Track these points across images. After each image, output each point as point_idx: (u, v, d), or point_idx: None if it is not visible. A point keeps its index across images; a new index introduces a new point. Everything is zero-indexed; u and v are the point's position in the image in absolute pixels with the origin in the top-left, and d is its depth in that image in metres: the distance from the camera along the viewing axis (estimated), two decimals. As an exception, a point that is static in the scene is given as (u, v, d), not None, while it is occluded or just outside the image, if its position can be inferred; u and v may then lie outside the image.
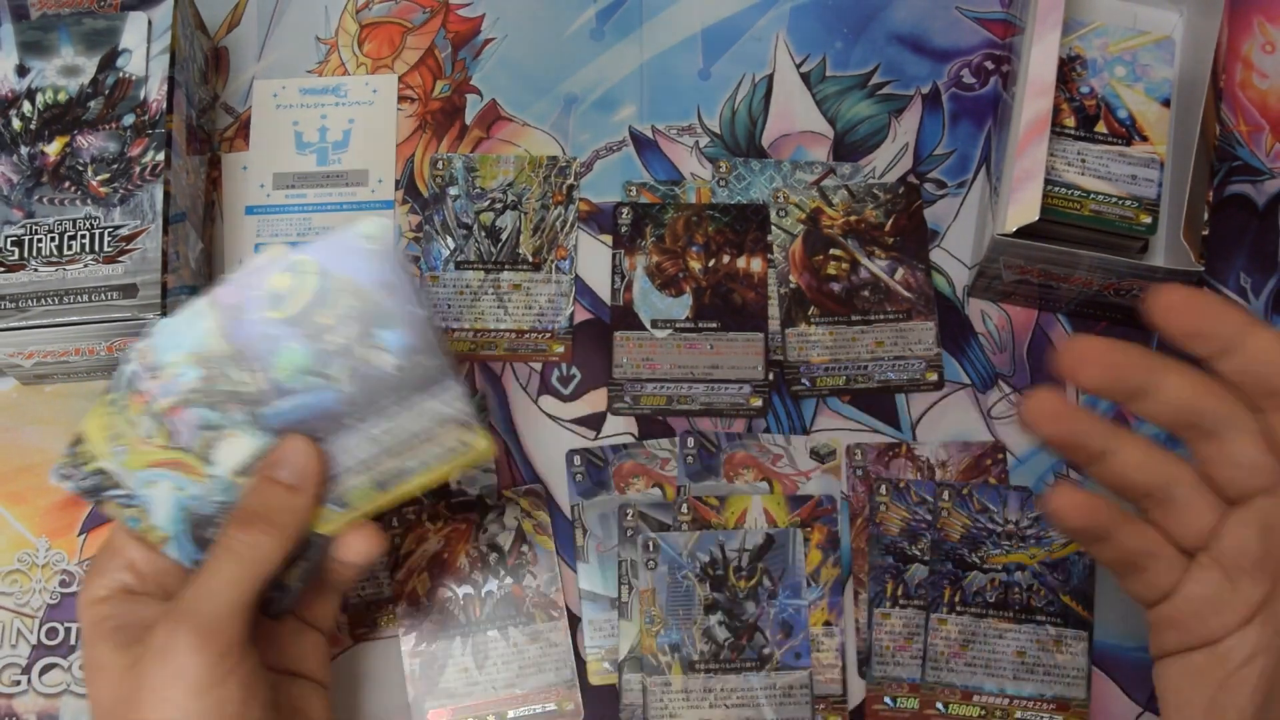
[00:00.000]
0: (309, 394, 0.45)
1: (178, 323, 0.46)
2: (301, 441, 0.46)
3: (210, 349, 0.45)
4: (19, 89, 0.57)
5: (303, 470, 0.45)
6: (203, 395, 0.45)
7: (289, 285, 0.45)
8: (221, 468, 0.46)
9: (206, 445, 0.46)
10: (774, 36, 0.66)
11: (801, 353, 0.60)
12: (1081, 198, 0.58)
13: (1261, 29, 0.66)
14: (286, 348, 0.45)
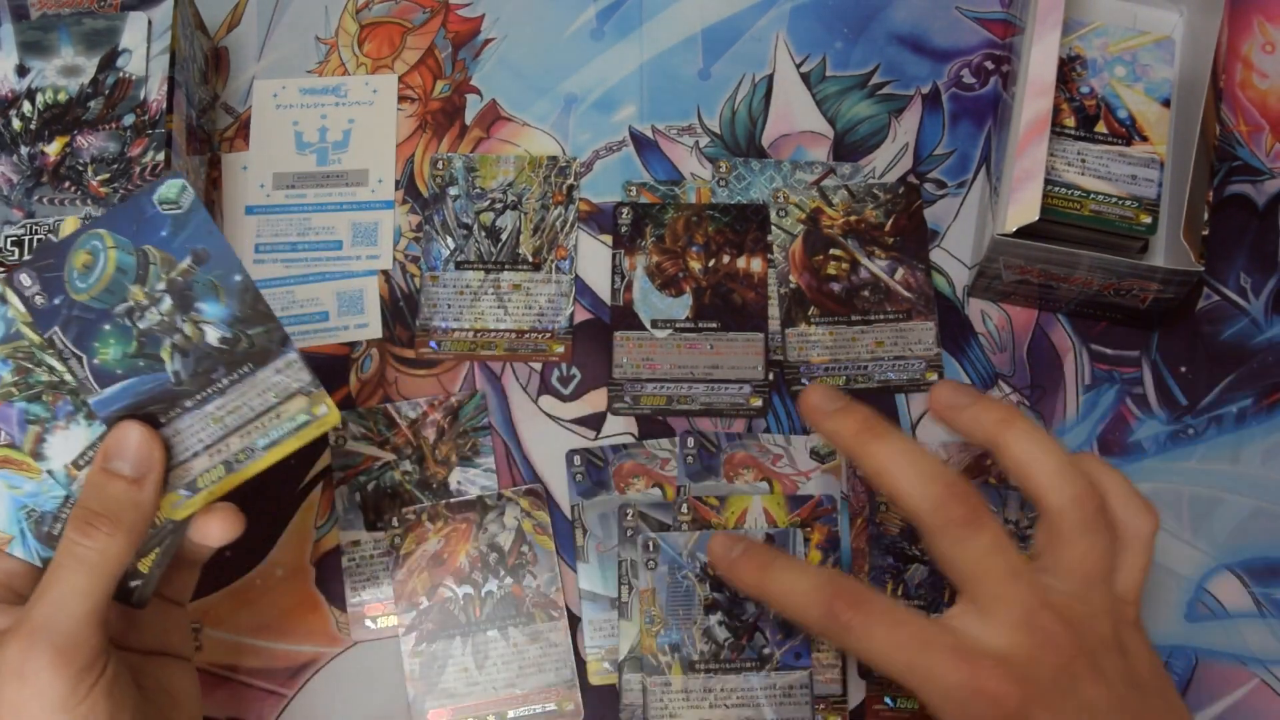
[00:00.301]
0: (135, 377, 0.43)
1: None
2: (136, 428, 0.43)
3: (23, 339, 0.42)
4: (19, 89, 0.57)
5: (142, 459, 0.43)
6: (22, 388, 0.43)
7: (92, 262, 0.42)
8: (56, 462, 0.44)
9: (36, 439, 0.43)
10: (774, 36, 0.66)
11: (801, 353, 0.60)
12: (1081, 198, 0.58)
13: (1261, 29, 0.66)
14: (103, 331, 0.42)
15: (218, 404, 0.44)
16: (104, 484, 0.43)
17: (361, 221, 0.63)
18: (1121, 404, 0.60)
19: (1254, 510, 0.58)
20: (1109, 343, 0.61)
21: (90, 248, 0.42)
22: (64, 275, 0.42)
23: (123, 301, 0.42)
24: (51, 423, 0.44)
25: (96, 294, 0.42)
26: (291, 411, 0.44)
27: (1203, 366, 0.61)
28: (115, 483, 0.43)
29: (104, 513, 0.42)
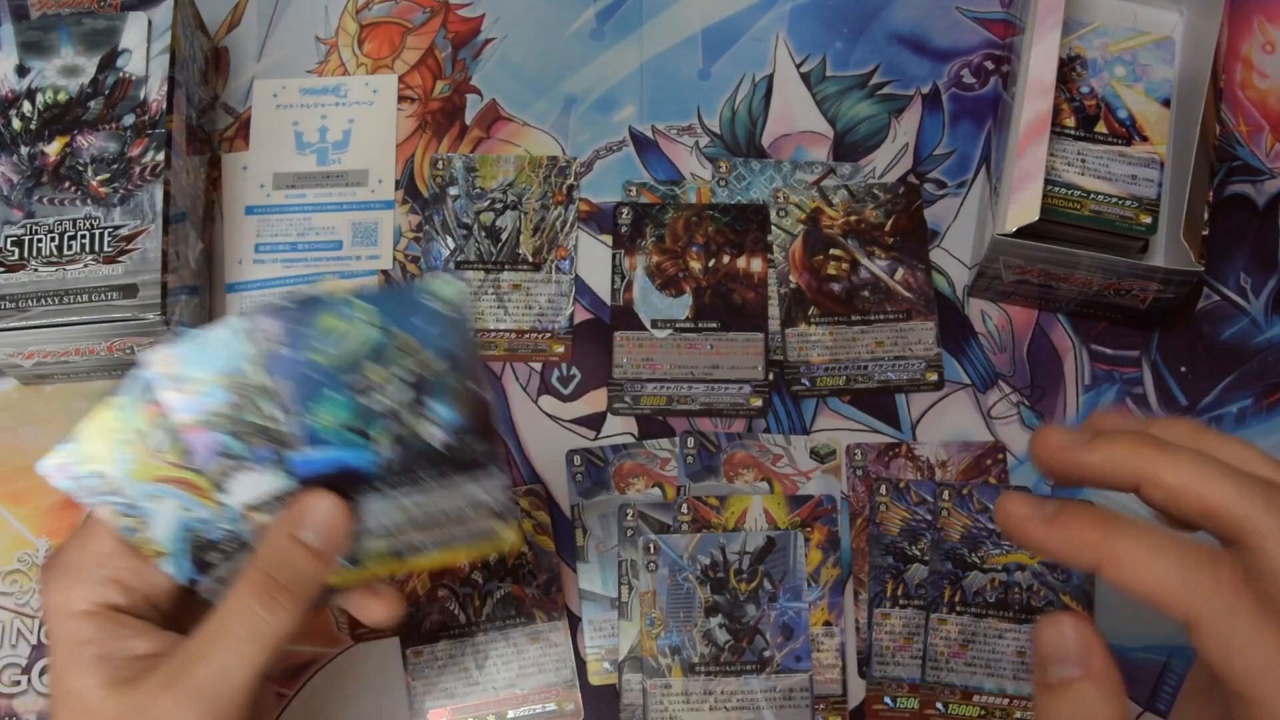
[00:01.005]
0: (343, 450, 0.42)
1: (211, 338, 0.42)
2: (331, 502, 0.42)
3: (245, 375, 0.42)
4: (19, 89, 0.57)
5: (331, 535, 0.42)
6: (228, 421, 0.42)
7: (342, 329, 0.41)
8: (235, 499, 0.43)
9: (222, 472, 0.43)
10: (774, 36, 0.66)
11: (801, 353, 0.60)
12: (1081, 198, 0.58)
13: (1261, 29, 0.66)
14: (328, 396, 0.42)
15: (413, 498, 0.43)
16: (291, 553, 0.41)
17: (361, 221, 0.63)
18: (1121, 404, 0.60)
19: (1254, 510, 0.58)
20: (1109, 343, 0.61)
21: (342, 314, 0.41)
22: (309, 332, 0.41)
23: (358, 376, 0.42)
24: (244, 463, 0.43)
25: (334, 361, 0.41)
26: (477, 524, 0.44)
27: (1203, 366, 0.61)
28: (302, 555, 0.41)
29: (288, 586, 0.41)
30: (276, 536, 0.42)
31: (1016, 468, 0.59)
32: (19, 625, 0.57)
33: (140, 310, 0.54)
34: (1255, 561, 0.36)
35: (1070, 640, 0.37)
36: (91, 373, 0.59)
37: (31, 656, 0.56)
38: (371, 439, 0.42)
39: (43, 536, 0.58)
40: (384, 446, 0.42)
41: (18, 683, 0.56)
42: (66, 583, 0.42)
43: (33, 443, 0.59)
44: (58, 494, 0.58)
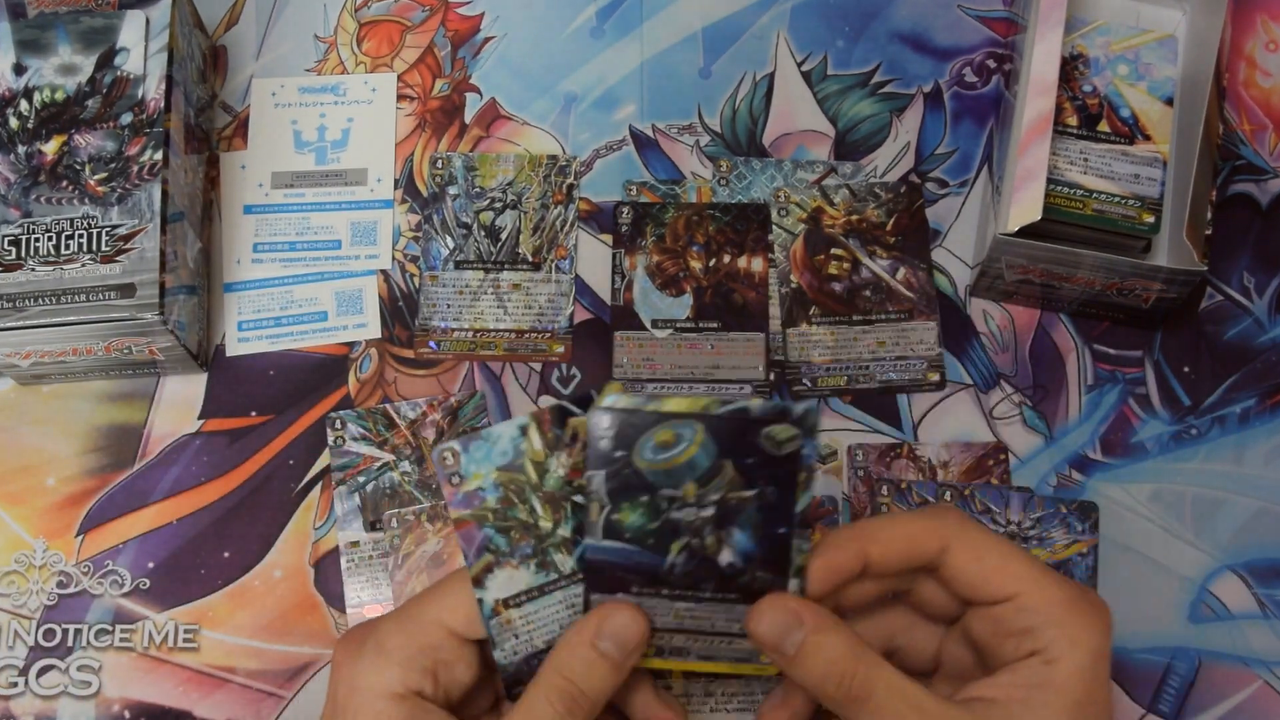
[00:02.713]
0: (636, 549, 0.43)
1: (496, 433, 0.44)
2: (630, 613, 0.44)
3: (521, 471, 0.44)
4: (16, 88, 0.56)
5: (628, 646, 0.43)
6: (496, 516, 0.44)
7: (669, 443, 0.43)
8: (489, 594, 0.45)
9: (484, 569, 0.44)
10: (775, 35, 0.66)
11: (803, 353, 0.60)
12: (1084, 197, 0.58)
13: (1265, 27, 0.66)
14: (636, 499, 0.43)
15: (687, 606, 0.44)
16: (593, 664, 0.43)
17: (360, 221, 0.63)
18: (1124, 404, 0.60)
19: (1257, 511, 0.58)
20: (1111, 343, 0.61)
21: (679, 433, 0.43)
22: (639, 440, 0.43)
23: (672, 489, 0.43)
24: (505, 559, 0.44)
25: (655, 470, 0.43)
26: (743, 647, 0.45)
27: (1206, 366, 0.60)
28: (602, 666, 0.43)
29: (588, 694, 0.43)
30: (578, 645, 0.43)
31: (1018, 468, 0.59)
32: (16, 627, 0.56)
33: (138, 310, 0.54)
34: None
35: (784, 617, 0.42)
36: (89, 373, 0.59)
37: (29, 658, 0.56)
38: (665, 547, 0.43)
39: (40, 537, 0.58)
40: (675, 555, 0.43)
41: (15, 684, 0.56)
42: (384, 664, 0.43)
43: (30, 443, 0.59)
44: (55, 494, 0.58)
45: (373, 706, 0.42)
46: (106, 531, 0.58)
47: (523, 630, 0.45)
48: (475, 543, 0.44)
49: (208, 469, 0.59)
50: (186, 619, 0.57)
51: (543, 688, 0.43)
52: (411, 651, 0.43)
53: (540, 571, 0.45)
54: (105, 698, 0.56)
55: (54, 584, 0.57)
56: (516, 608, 0.45)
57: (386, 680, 0.43)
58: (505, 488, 0.44)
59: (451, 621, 0.44)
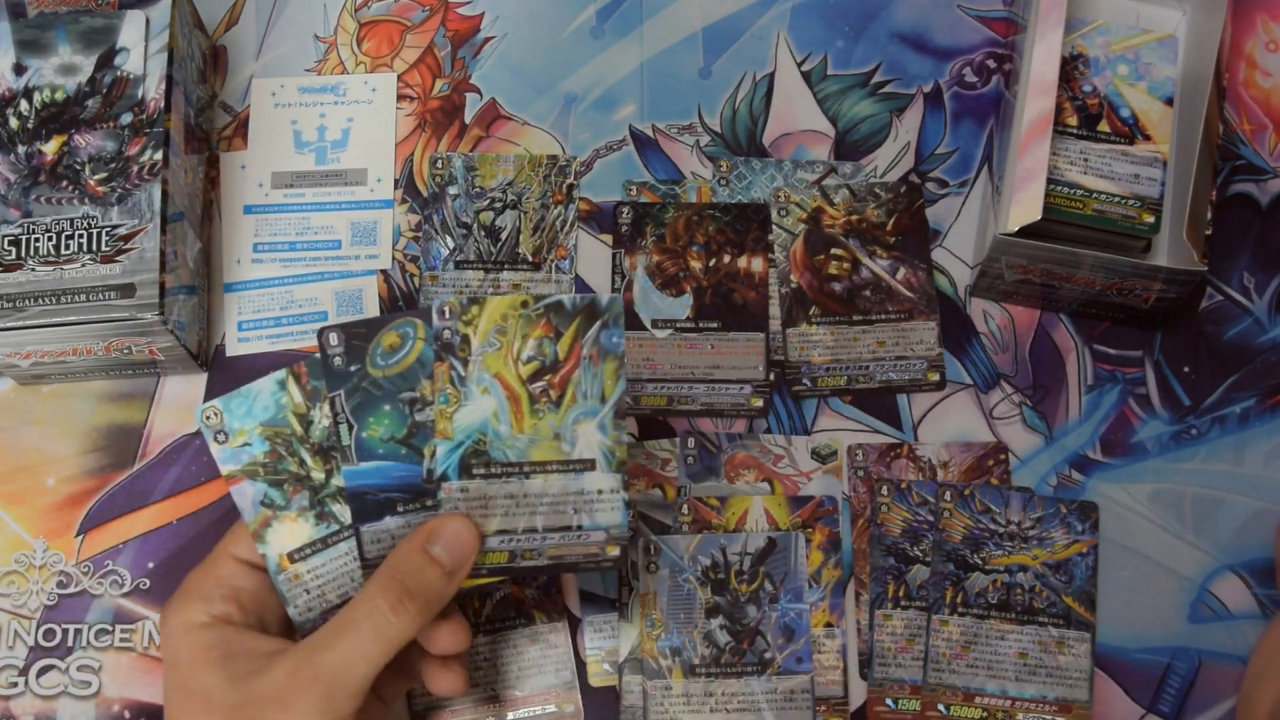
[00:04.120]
0: (391, 462, 0.45)
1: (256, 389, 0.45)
2: (463, 522, 0.45)
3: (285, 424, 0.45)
4: (16, 88, 0.56)
5: (462, 555, 0.45)
6: (266, 470, 0.45)
7: (396, 345, 0.44)
8: (273, 549, 0.46)
9: (263, 523, 0.45)
10: (775, 35, 0.66)
11: (803, 353, 0.60)
12: (1084, 197, 0.58)
13: (1265, 27, 0.66)
14: (380, 409, 0.44)
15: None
16: (423, 567, 0.44)
17: (360, 221, 0.63)
18: (1124, 404, 0.60)
19: (1257, 511, 0.58)
20: (1111, 343, 0.61)
21: (402, 332, 0.44)
22: (369, 349, 0.44)
23: (411, 390, 0.44)
24: (283, 512, 0.45)
25: (390, 375, 0.44)
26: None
27: (1206, 366, 0.60)
28: (433, 569, 0.44)
29: (417, 595, 0.44)
30: (410, 548, 0.45)
31: (1019, 468, 0.59)
32: (16, 627, 0.56)
33: (138, 310, 0.54)
34: None
35: None
36: (89, 373, 0.59)
37: (29, 658, 0.56)
38: (419, 452, 0.44)
39: (40, 538, 0.58)
40: (429, 459, 0.44)
41: (15, 684, 0.56)
42: (188, 601, 0.46)
43: (30, 443, 0.59)
44: (55, 494, 0.58)
45: (186, 640, 0.44)
46: (106, 531, 0.58)
47: (313, 585, 0.46)
48: (250, 498, 0.45)
49: (208, 469, 0.59)
50: (186, 619, 0.57)
51: (372, 585, 0.44)
52: (208, 584, 0.46)
53: (320, 523, 0.46)
54: (105, 698, 0.56)
55: (54, 584, 0.57)
56: (302, 561, 0.46)
57: (193, 614, 0.45)
58: (271, 441, 0.45)
59: (236, 550, 0.47)
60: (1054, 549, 0.57)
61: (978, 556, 0.57)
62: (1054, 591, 0.56)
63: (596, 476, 0.46)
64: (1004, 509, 0.57)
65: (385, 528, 0.45)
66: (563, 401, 0.45)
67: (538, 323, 0.45)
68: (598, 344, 0.45)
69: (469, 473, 0.45)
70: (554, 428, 0.45)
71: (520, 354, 0.45)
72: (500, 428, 0.45)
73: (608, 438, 0.45)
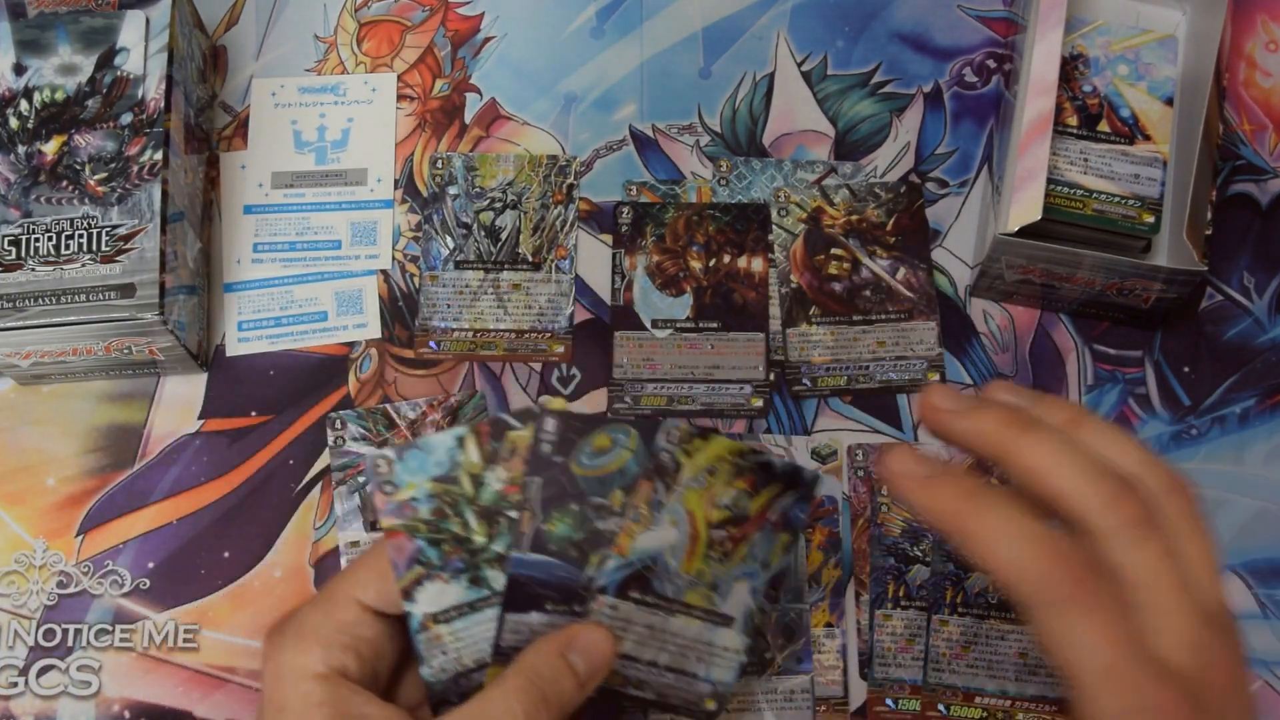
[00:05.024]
0: (559, 561, 0.44)
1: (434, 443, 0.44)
2: (603, 633, 0.44)
3: (457, 483, 0.43)
4: (16, 88, 0.56)
5: (597, 667, 0.44)
6: (428, 528, 0.44)
7: (605, 449, 0.44)
8: (419, 607, 0.44)
9: (414, 581, 0.44)
10: (775, 35, 0.66)
11: (803, 353, 0.60)
12: (1084, 197, 0.58)
13: (1265, 27, 0.66)
14: (567, 507, 0.43)
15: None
16: (561, 674, 0.43)
17: (360, 221, 0.63)
18: (1124, 404, 0.60)
19: (1257, 511, 0.58)
20: (1111, 343, 0.61)
21: (614, 437, 0.43)
22: (578, 444, 0.43)
23: (601, 497, 0.43)
24: (436, 572, 0.44)
25: (589, 476, 0.43)
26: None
27: (1206, 367, 0.60)
28: (569, 679, 0.43)
29: (551, 702, 0.42)
30: (549, 652, 0.43)
31: (1019, 468, 0.59)
32: (16, 627, 0.56)
33: (138, 310, 0.54)
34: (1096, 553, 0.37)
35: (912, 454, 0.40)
36: (89, 373, 0.59)
37: (29, 658, 0.56)
38: (586, 558, 0.44)
39: (40, 538, 0.58)
40: (593, 567, 0.44)
41: (15, 684, 0.56)
42: (305, 645, 0.42)
43: (30, 443, 0.59)
44: (55, 494, 0.58)
45: (298, 689, 0.41)
46: (106, 531, 0.58)
47: (451, 647, 0.45)
48: (406, 554, 0.43)
49: (208, 469, 0.59)
50: (186, 619, 0.57)
51: (509, 685, 0.42)
52: (330, 630, 0.43)
53: (472, 587, 0.44)
54: (105, 698, 0.56)
55: (54, 584, 0.57)
56: (446, 623, 0.44)
57: (309, 661, 0.42)
58: (439, 499, 0.43)
59: (364, 596, 0.43)
60: (1054, 549, 0.57)
61: (978, 556, 0.57)
62: (1054, 591, 0.56)
63: (729, 634, 0.46)
64: (1004, 509, 0.57)
65: (527, 621, 0.44)
66: (733, 556, 0.45)
67: (744, 475, 0.45)
68: (784, 514, 0.45)
69: (625, 594, 0.44)
70: (715, 577, 0.45)
71: (718, 499, 0.45)
72: (671, 562, 0.44)
73: (754, 603, 0.45)
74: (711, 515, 0.45)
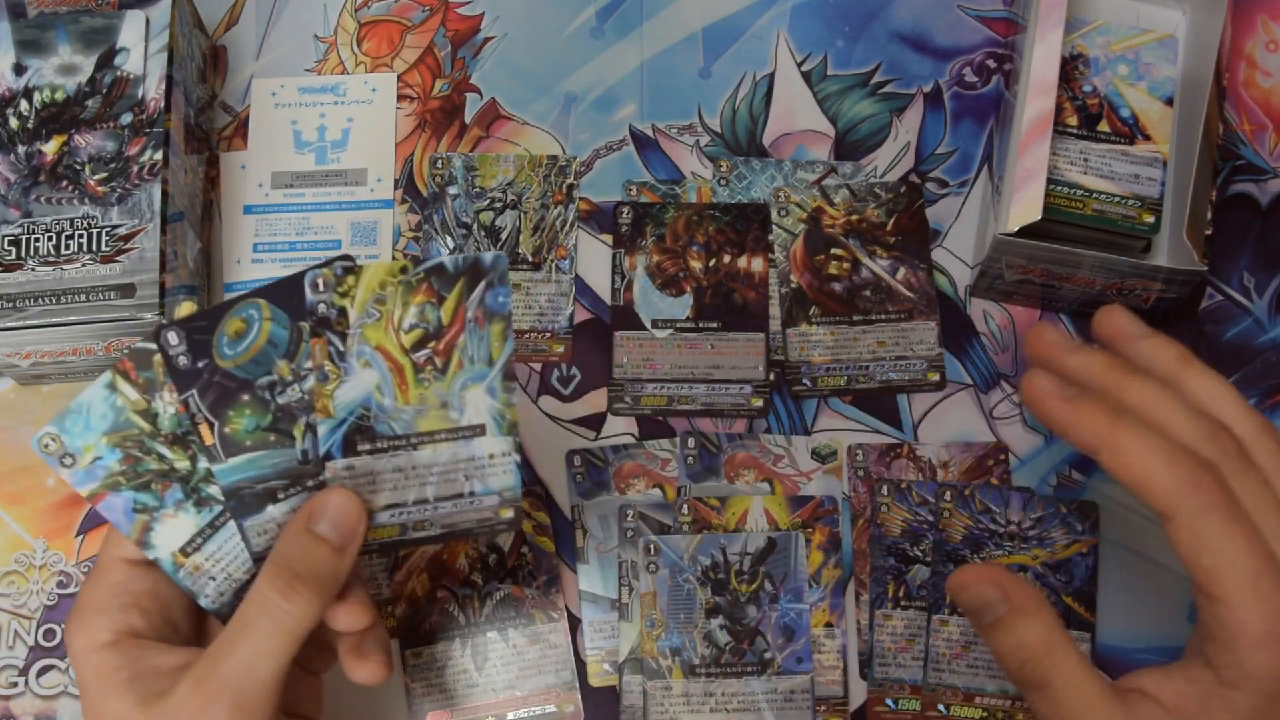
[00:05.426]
0: (262, 451, 0.43)
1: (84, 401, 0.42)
2: (345, 495, 0.43)
3: (130, 426, 0.42)
4: (16, 88, 0.56)
5: (348, 528, 0.43)
6: (128, 477, 0.43)
7: (242, 331, 0.42)
8: (163, 550, 0.43)
9: (143, 529, 0.43)
10: (775, 35, 0.66)
11: (803, 353, 0.60)
12: (1084, 197, 0.58)
13: (1265, 27, 0.66)
14: (238, 400, 0.42)
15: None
16: (308, 547, 0.42)
17: (360, 221, 0.63)
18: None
19: (1257, 511, 0.58)
20: (1111, 343, 0.61)
21: (245, 316, 0.42)
22: (213, 340, 0.42)
23: (267, 375, 0.42)
24: (160, 511, 0.43)
25: (242, 363, 0.42)
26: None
27: (1206, 367, 0.60)
28: (320, 547, 0.42)
29: (306, 576, 0.42)
30: (293, 531, 0.43)
31: (1019, 468, 0.59)
32: (16, 626, 0.56)
33: (138, 310, 0.54)
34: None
35: (991, 591, 0.42)
36: (89, 373, 0.59)
37: (29, 658, 0.56)
38: (289, 435, 0.42)
39: (40, 538, 0.58)
40: (301, 440, 0.43)
41: (15, 684, 0.56)
42: (87, 618, 0.42)
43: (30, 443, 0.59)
44: (55, 494, 0.58)
45: (89, 664, 0.42)
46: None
47: (217, 571, 0.44)
48: (120, 509, 0.43)
49: (208, 469, 0.59)
50: (186, 619, 0.57)
51: (260, 578, 0.42)
52: (104, 597, 0.43)
53: (202, 509, 0.43)
54: (105, 698, 0.56)
55: (54, 584, 0.57)
56: (197, 552, 0.44)
57: (93, 633, 0.42)
58: (122, 447, 0.43)
59: (122, 552, 0.44)
60: (1054, 549, 0.57)
61: (978, 556, 0.57)
62: (1054, 591, 0.56)
63: (487, 441, 0.44)
64: (1004, 509, 0.57)
65: (270, 518, 0.43)
66: (449, 368, 0.43)
67: (419, 288, 0.43)
68: (483, 305, 0.43)
69: (354, 450, 0.43)
70: (441, 396, 0.43)
71: (402, 322, 0.43)
72: (384, 401, 0.43)
73: (497, 401, 0.44)
74: (404, 340, 0.43)
